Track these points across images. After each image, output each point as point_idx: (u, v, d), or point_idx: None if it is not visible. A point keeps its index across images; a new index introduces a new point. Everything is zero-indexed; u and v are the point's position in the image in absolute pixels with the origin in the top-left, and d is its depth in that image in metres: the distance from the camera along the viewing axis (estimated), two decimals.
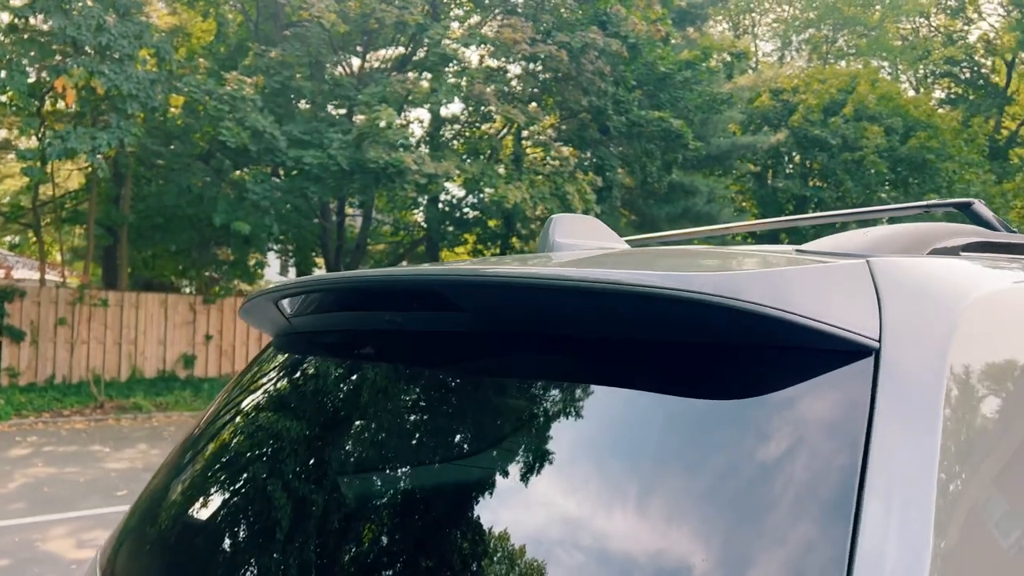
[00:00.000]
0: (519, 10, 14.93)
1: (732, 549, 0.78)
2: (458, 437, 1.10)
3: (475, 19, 17.31)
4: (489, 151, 17.02)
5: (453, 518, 0.98)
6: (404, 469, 1.12)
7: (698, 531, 0.80)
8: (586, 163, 16.59)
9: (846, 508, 0.75)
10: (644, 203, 18.11)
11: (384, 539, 1.03)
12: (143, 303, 16.28)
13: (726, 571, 0.77)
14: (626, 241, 1.88)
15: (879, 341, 0.86)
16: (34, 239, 18.02)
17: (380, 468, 1.15)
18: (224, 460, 1.46)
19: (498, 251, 21.61)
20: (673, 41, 18.30)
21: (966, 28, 36.56)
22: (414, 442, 1.16)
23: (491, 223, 18.96)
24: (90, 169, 14.22)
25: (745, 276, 0.91)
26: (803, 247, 1.21)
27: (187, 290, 20.16)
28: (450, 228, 19.49)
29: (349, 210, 19.43)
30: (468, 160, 14.09)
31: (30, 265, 20.09)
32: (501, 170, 14.88)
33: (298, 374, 1.53)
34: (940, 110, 28.43)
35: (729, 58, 20.92)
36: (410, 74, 15.76)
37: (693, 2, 20.95)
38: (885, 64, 33.54)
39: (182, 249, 18.12)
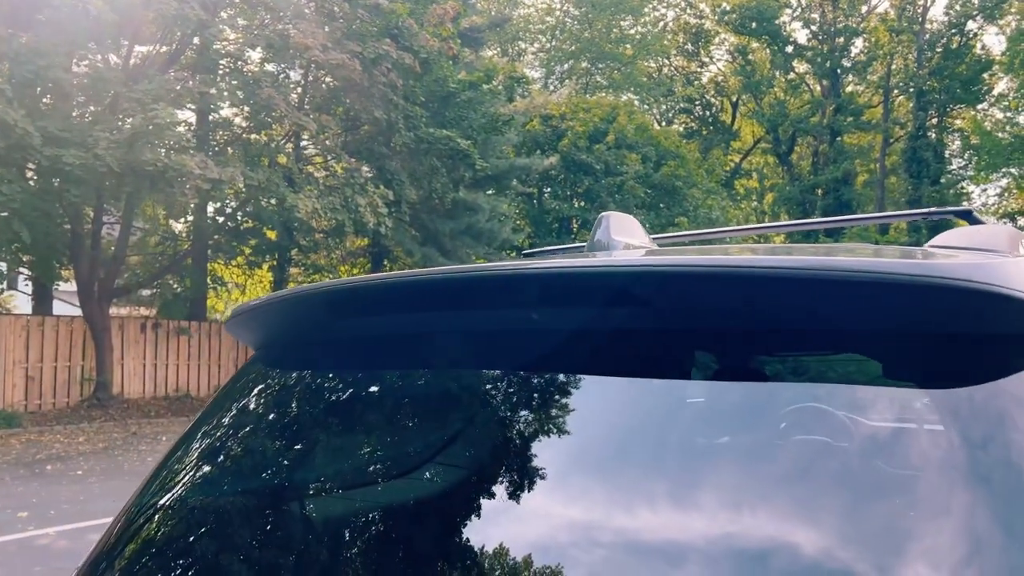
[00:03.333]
0: (307, 16, 14.43)
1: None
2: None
3: (253, 20, 16.50)
4: (267, 160, 16.26)
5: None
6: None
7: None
8: (373, 177, 16.42)
9: None
10: (428, 218, 18.23)
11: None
12: None
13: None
14: (653, 239, 1.91)
15: None
16: None
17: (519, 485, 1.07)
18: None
19: (275, 263, 20.66)
20: (465, 60, 18.69)
21: (700, 70, 41.00)
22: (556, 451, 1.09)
23: (270, 234, 18.10)
24: None
25: (991, 267, 0.95)
26: (931, 244, 1.29)
27: None
28: (222, 239, 18.31)
29: (105, 217, 17.60)
30: (249, 167, 13.32)
31: None
32: (283, 180, 14.26)
33: (302, 386, 1.42)
34: (683, 142, 31.54)
35: (508, 82, 21.75)
36: (184, 73, 14.66)
37: (472, 26, 21.54)
38: (636, 98, 36.62)
39: None
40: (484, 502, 1.01)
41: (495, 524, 0.98)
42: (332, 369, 1.33)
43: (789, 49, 36.61)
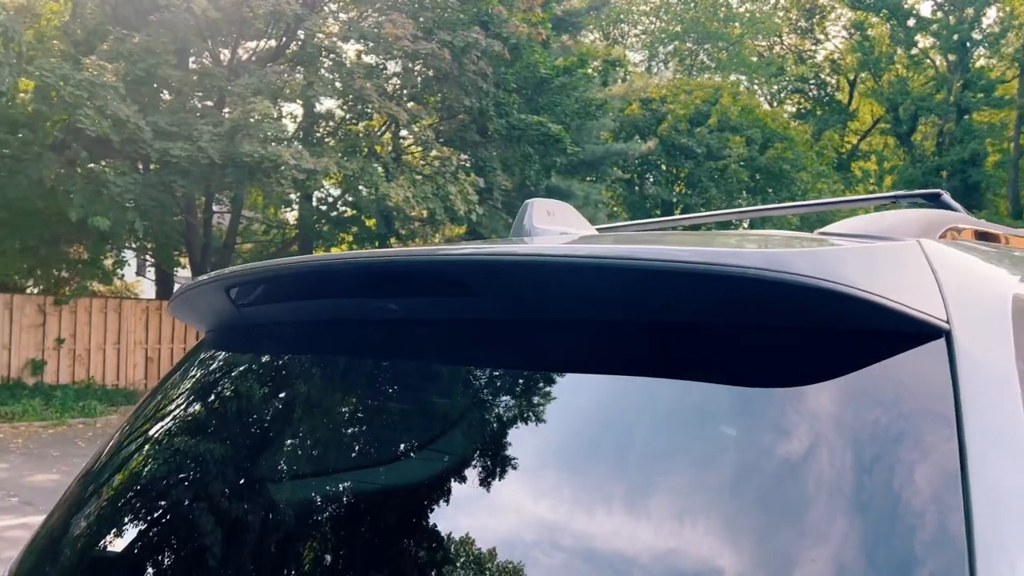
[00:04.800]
0: (399, 6, 14.69)
1: (837, 546, 0.73)
2: (469, 436, 0.99)
3: (353, 13, 16.92)
4: (367, 149, 16.68)
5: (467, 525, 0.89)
6: (401, 472, 1.02)
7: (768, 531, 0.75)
8: (467, 164, 16.57)
9: (953, 492, 0.73)
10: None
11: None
12: None
13: (835, 566, 0.73)
14: (596, 229, 1.85)
15: (948, 323, 0.83)
16: None
17: (367, 472, 1.04)
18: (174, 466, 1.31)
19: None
20: (553, 47, 18.57)
21: (814, 48, 39.23)
22: (410, 441, 1.06)
23: (369, 222, 18.60)
24: None
25: (815, 254, 0.86)
26: (824, 230, 1.19)
27: (32, 290, 18.62)
28: (325, 227, 18.95)
29: (217, 207, 18.55)
30: (345, 157, 13.71)
31: None
32: (380, 169, 14.60)
33: (252, 371, 1.38)
34: (793, 123, 30.31)
35: (604, 66, 21.47)
36: (284, 67, 15.21)
37: (569, 10, 21.35)
38: (744, 78, 35.43)
39: (29, 246, 16.68)
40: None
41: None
42: (274, 352, 1.32)
43: (911, 23, 34.49)
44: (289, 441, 1.16)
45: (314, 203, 18.72)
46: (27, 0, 17.15)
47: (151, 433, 1.39)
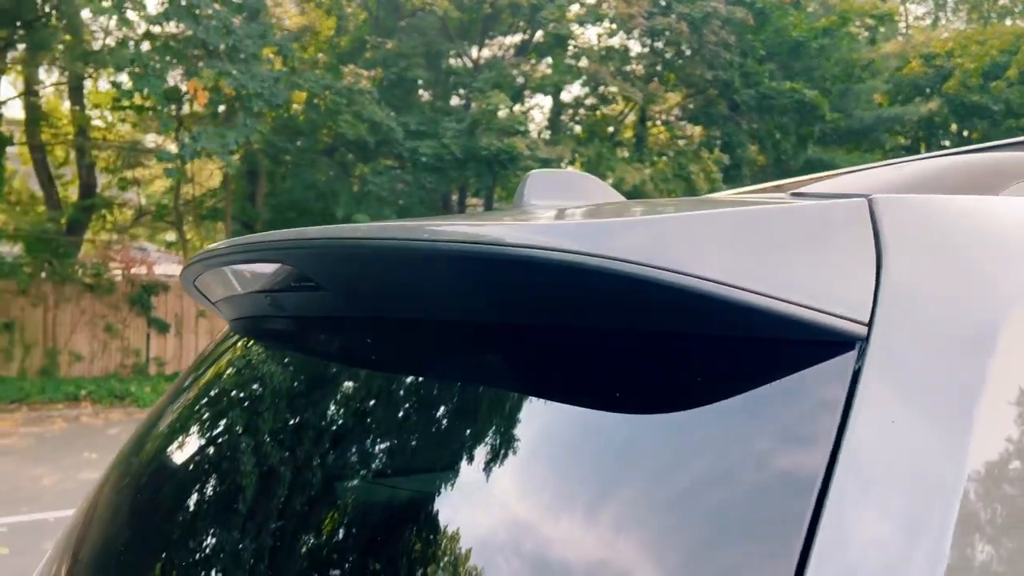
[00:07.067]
0: None
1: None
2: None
3: None
4: (610, 133, 16.51)
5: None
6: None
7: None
8: (717, 141, 15.78)
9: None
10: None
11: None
12: None
13: None
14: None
15: (869, 324, 0.52)
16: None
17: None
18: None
19: None
20: (812, 7, 17.11)
21: None
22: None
23: None
24: (223, 168, 14.86)
25: (629, 224, 0.59)
26: (803, 189, 0.81)
27: None
28: None
29: (474, 200, 19.45)
30: (583, 144, 13.67)
31: (175, 260, 21.36)
32: (625, 153, 14.41)
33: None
34: None
35: (872, 22, 19.30)
36: (528, 58, 15.49)
37: None
38: None
39: None
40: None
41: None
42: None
43: None
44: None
45: None
46: (308, 20, 19.22)
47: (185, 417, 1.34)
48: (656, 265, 0.50)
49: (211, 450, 1.01)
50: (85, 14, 12.87)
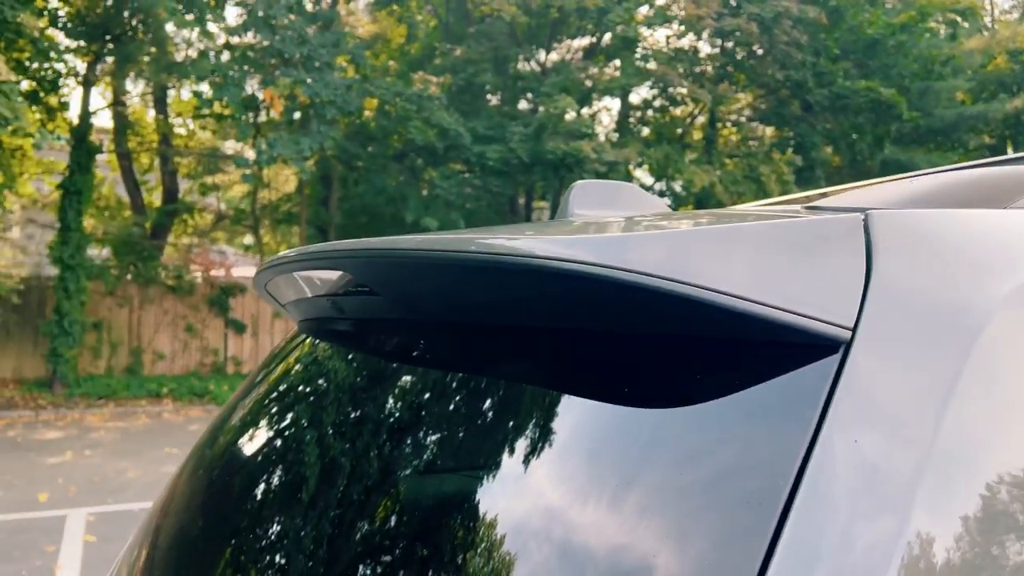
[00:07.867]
0: None
1: None
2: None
3: None
4: (679, 135, 16.35)
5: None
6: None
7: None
8: (790, 142, 15.46)
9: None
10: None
11: None
12: None
13: None
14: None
15: (854, 329, 0.55)
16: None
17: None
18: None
19: None
20: (890, 4, 16.61)
21: None
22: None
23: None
24: (298, 173, 15.29)
25: (637, 238, 0.63)
26: (820, 203, 0.84)
27: None
28: None
29: (542, 203, 19.51)
30: (651, 147, 13.57)
31: (252, 263, 22.02)
32: (693, 155, 14.25)
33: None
34: None
35: (954, 17, 18.62)
36: (596, 61, 15.47)
37: None
38: None
39: None
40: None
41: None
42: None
43: None
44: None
45: None
46: (380, 28, 19.61)
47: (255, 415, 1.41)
48: (655, 274, 0.55)
49: (278, 442, 1.08)
50: (169, 27, 13.42)
